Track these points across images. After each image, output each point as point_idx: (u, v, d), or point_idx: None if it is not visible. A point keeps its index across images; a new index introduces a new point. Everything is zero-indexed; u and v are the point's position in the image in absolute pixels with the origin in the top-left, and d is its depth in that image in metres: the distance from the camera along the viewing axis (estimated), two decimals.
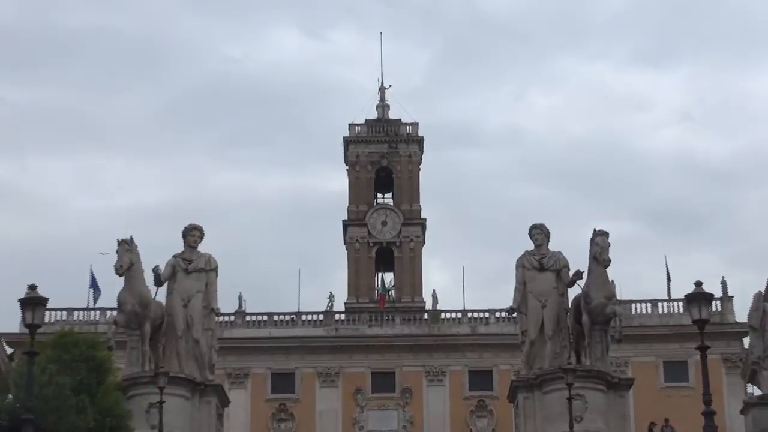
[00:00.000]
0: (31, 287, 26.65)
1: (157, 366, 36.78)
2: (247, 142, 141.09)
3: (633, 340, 59.35)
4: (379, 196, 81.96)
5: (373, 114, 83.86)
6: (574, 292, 38.51)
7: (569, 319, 38.47)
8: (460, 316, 69.34)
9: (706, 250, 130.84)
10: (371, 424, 66.36)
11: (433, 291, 71.12)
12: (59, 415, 29.28)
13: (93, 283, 65.69)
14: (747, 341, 48.30)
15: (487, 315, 68.85)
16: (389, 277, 79.41)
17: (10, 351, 56.72)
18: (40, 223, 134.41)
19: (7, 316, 72.17)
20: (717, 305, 64.33)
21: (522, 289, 38.60)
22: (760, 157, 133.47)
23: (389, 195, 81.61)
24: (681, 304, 64.18)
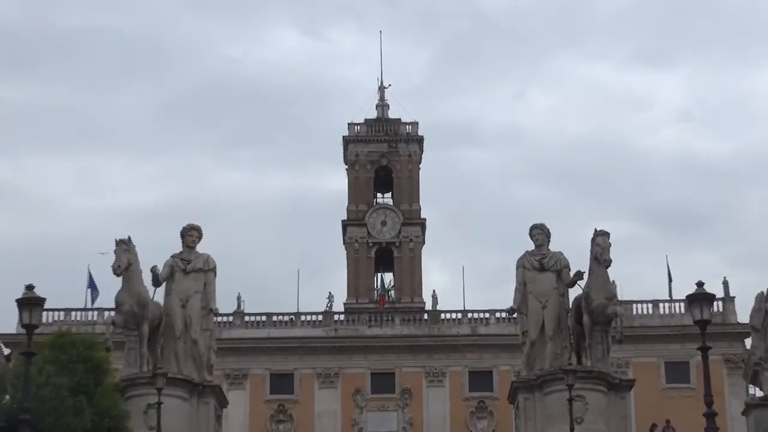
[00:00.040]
0: (29, 287, 26.56)
1: (155, 367, 36.67)
2: (246, 142, 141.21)
3: (634, 340, 59.18)
4: (378, 195, 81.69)
5: (372, 113, 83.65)
6: (575, 292, 38.36)
7: (570, 319, 38.33)
8: (460, 316, 69.19)
9: (706, 250, 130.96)
10: (371, 425, 66.21)
11: (433, 291, 71.18)
12: (56, 416, 29.27)
13: (91, 283, 65.60)
14: (749, 342, 48.15)
15: (487, 315, 68.70)
16: (389, 277, 79.23)
17: (7, 351, 56.28)
18: (38, 223, 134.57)
19: (4, 317, 72.36)
20: (719, 306, 64.17)
21: (522, 289, 38.45)
22: (760, 156, 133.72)
23: (389, 195, 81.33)
24: (682, 304, 64.16)
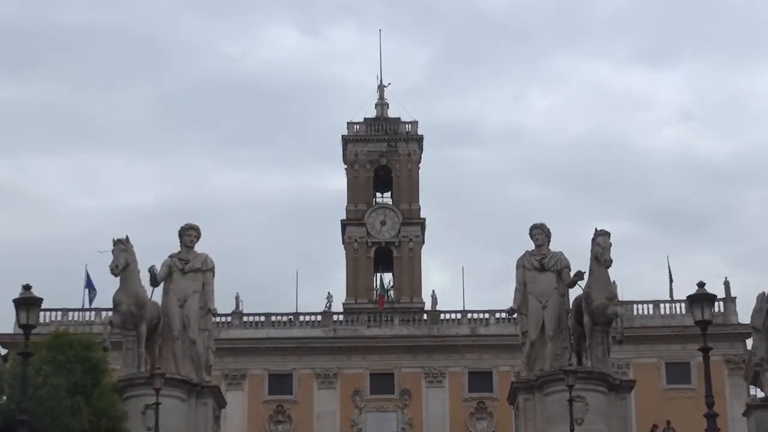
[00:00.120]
0: (26, 287, 26.49)
1: (153, 367, 36.64)
2: (246, 141, 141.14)
3: (634, 341, 59.03)
4: (378, 195, 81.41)
5: (372, 112, 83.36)
6: (575, 292, 38.32)
7: (570, 320, 38.27)
8: (459, 316, 69.05)
9: (707, 250, 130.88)
10: (370, 425, 66.07)
11: (433, 291, 71.04)
12: (54, 416, 29.21)
13: (88, 283, 65.49)
14: (750, 343, 47.97)
15: (486, 316, 68.57)
16: (388, 277, 78.93)
17: (4, 352, 56.40)
18: (36, 223, 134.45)
19: (1, 317, 72.23)
20: (720, 306, 64.04)
21: (522, 289, 38.39)
22: (761, 156, 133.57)
23: (388, 194, 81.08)
24: (683, 305, 64.03)
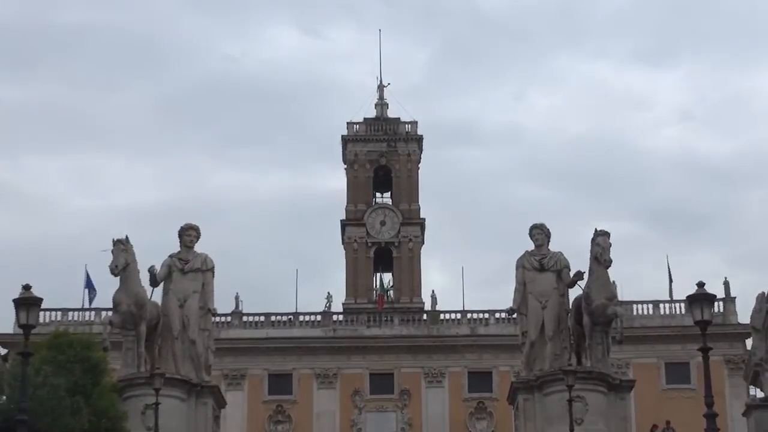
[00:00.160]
0: (26, 287, 26.46)
1: (152, 367, 36.63)
2: (245, 141, 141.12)
3: (634, 341, 59.00)
4: (377, 195, 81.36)
5: (371, 112, 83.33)
6: (575, 292, 38.31)
7: (570, 320, 38.27)
8: (459, 316, 69.00)
9: (707, 250, 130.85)
10: (369, 425, 66.03)
11: (432, 291, 70.96)
12: (54, 416, 29.21)
13: (88, 283, 65.43)
14: (749, 343, 47.96)
15: (486, 316, 68.54)
16: (388, 277, 78.88)
17: (4, 352, 56.40)
18: (36, 223, 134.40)
19: (1, 317, 72.01)
20: (719, 306, 64.03)
21: (522, 289, 38.38)
22: (761, 156, 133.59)
23: (388, 194, 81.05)
24: (683, 305, 64.00)
